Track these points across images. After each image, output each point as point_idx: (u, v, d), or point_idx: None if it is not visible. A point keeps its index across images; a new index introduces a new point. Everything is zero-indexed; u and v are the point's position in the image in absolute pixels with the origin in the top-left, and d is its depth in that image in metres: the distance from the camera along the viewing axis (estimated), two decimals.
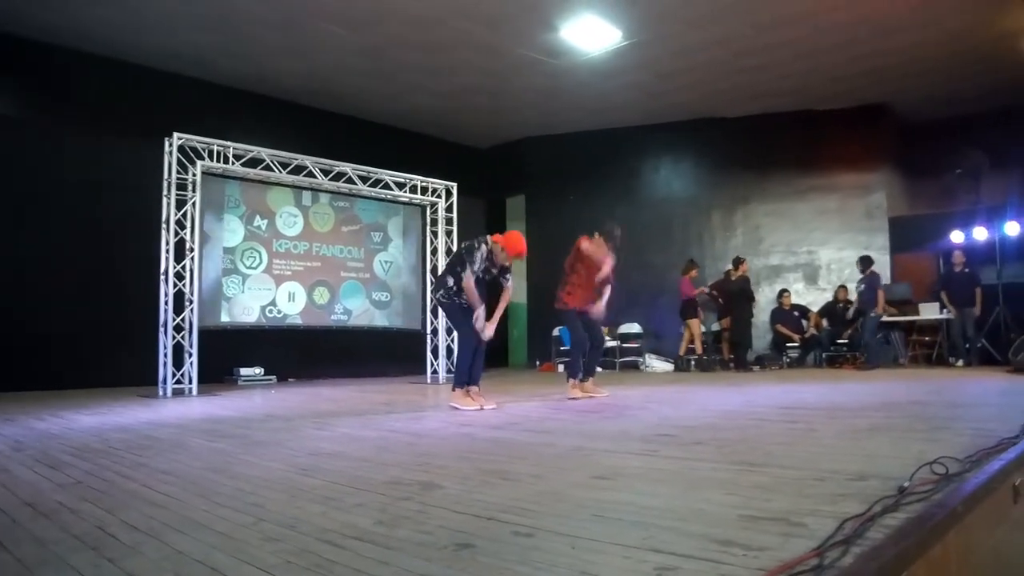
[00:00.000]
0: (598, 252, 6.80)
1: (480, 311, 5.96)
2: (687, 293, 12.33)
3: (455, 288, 5.97)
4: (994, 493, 2.48)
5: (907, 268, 12.81)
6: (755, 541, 1.77)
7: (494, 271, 6.13)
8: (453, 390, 6.00)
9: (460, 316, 6.04)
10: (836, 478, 2.55)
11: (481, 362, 6.18)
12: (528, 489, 2.55)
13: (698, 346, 12.32)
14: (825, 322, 12.57)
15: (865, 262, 11.60)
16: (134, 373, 9.05)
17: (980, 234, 11.59)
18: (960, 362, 11.19)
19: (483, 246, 5.97)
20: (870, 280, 11.42)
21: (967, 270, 11.32)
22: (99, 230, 9.51)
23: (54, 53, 9.74)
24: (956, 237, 11.84)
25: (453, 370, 6.65)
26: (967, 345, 11.24)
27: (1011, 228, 11.26)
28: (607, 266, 6.78)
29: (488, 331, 5.99)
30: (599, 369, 11.74)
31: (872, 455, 3.14)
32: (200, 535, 2.01)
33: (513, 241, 6.03)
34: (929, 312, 11.78)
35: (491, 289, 6.37)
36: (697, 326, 12.28)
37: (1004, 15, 9.58)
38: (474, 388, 6.06)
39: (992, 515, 2.46)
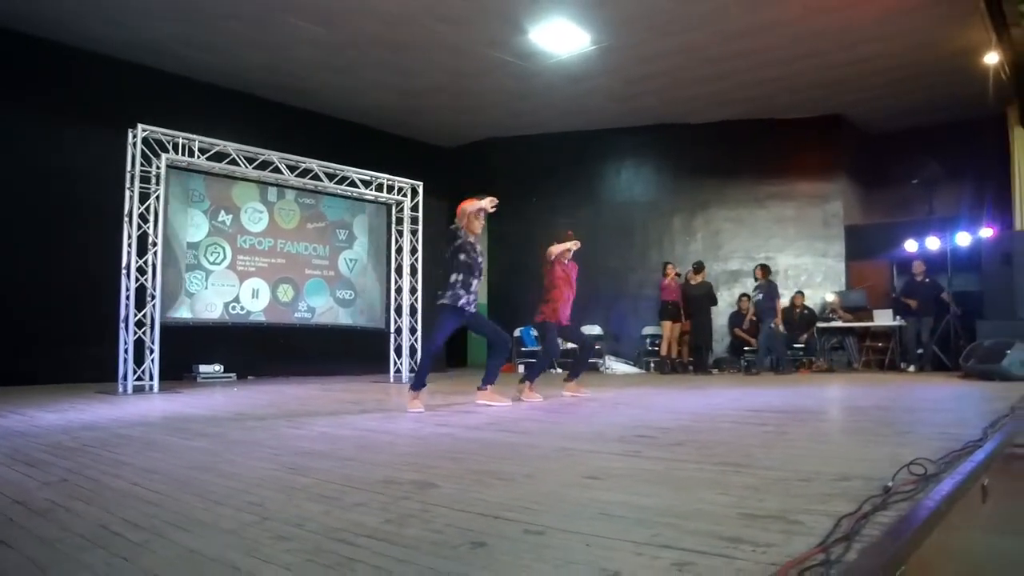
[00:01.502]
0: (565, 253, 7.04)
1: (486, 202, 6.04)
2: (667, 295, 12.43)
3: (458, 282, 5.89)
4: (968, 493, 2.59)
5: (862, 275, 13.13)
6: (760, 538, 1.83)
7: (479, 247, 6.12)
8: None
9: (444, 321, 5.94)
10: (820, 479, 2.63)
11: (498, 364, 6.30)
12: (524, 489, 2.57)
13: (663, 348, 12.42)
14: (782, 327, 12.73)
15: (764, 270, 11.90)
16: (90, 369, 8.86)
17: (933, 243, 11.87)
18: (912, 367, 11.48)
19: (461, 232, 5.97)
20: (768, 289, 11.70)
21: (927, 280, 11.63)
22: (58, 222, 9.33)
23: (15, 40, 9.51)
24: (910, 246, 12.14)
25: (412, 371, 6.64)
26: (920, 351, 11.53)
27: (962, 238, 11.55)
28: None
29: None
30: (556, 370, 11.94)
31: (847, 457, 3.26)
32: (207, 534, 1.99)
33: (467, 206, 6.01)
34: (883, 319, 12.14)
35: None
36: (669, 328, 12.37)
37: (961, 32, 9.85)
38: (490, 387, 6.24)
39: (966, 513, 2.55)
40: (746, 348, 12.80)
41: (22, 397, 7.13)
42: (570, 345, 9.91)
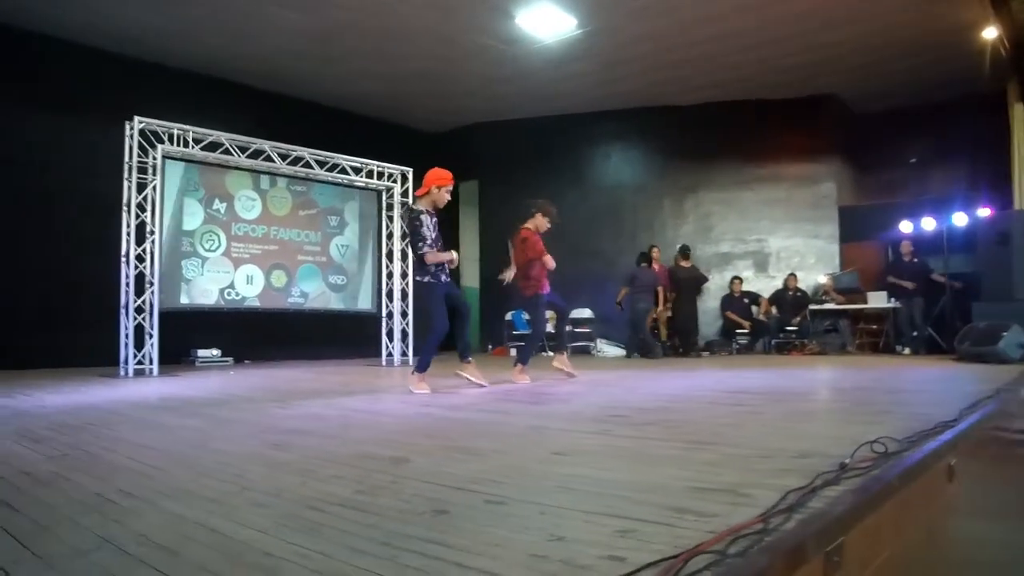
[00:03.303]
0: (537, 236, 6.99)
1: (453, 255, 6.03)
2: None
3: (435, 266, 5.94)
4: (929, 471, 2.64)
5: (856, 257, 13.00)
6: (706, 509, 1.92)
7: (436, 219, 6.09)
8: (412, 374, 5.98)
9: (438, 298, 5.94)
10: (780, 455, 2.68)
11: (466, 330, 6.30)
12: (493, 463, 2.70)
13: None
14: (775, 309, 12.83)
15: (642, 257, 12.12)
16: (92, 354, 9.03)
17: (928, 224, 11.73)
18: (907, 350, 11.41)
19: (420, 215, 5.93)
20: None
21: (915, 260, 11.57)
22: (61, 213, 9.52)
23: (12, 36, 9.63)
24: (904, 227, 11.99)
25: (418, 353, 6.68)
26: (915, 333, 11.45)
27: (958, 219, 11.39)
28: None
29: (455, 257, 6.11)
30: (548, 353, 12.04)
31: (815, 436, 3.29)
32: (192, 502, 2.15)
33: (435, 177, 6.01)
34: (877, 301, 12.01)
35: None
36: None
37: (956, 7, 9.69)
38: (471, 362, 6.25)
39: (927, 492, 2.63)
40: (738, 331, 12.91)
41: (29, 380, 7.34)
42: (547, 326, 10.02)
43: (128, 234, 8.40)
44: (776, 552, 1.58)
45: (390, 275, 11.14)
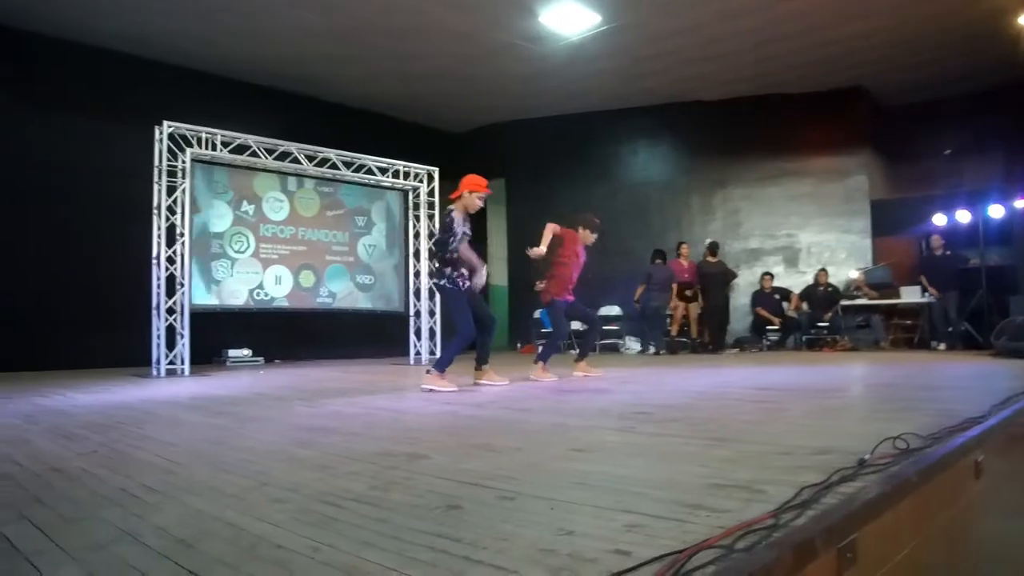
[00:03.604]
0: (579, 244, 7.09)
1: (483, 270, 6.07)
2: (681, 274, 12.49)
3: (454, 270, 5.96)
4: (953, 468, 2.60)
5: (889, 251, 12.81)
6: (719, 505, 1.91)
7: (469, 223, 6.14)
8: (428, 372, 5.96)
9: (462, 303, 5.96)
10: (799, 452, 2.66)
11: (488, 342, 6.32)
12: (510, 460, 2.72)
13: (674, 328, 12.51)
14: (805, 305, 12.68)
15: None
16: (126, 354, 9.20)
17: (963, 217, 11.49)
18: (942, 346, 11.17)
19: (453, 214, 5.97)
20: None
21: (948, 253, 11.36)
22: (93, 216, 9.70)
23: (43, 42, 9.86)
24: (938, 220, 11.79)
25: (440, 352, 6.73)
26: (950, 329, 11.20)
27: (995, 211, 11.16)
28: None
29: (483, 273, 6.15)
30: (573, 351, 12.03)
31: (837, 432, 3.25)
32: (212, 497, 2.21)
33: (469, 183, 6.06)
34: (910, 296, 11.78)
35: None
36: (682, 309, 12.45)
37: None
38: (487, 366, 6.27)
39: (952, 488, 2.60)
40: (769, 327, 12.81)
41: (64, 380, 7.51)
42: (576, 325, 10.04)
43: (159, 236, 8.54)
44: (784, 547, 1.58)
45: (417, 274, 11.21)
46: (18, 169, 9.25)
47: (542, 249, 6.74)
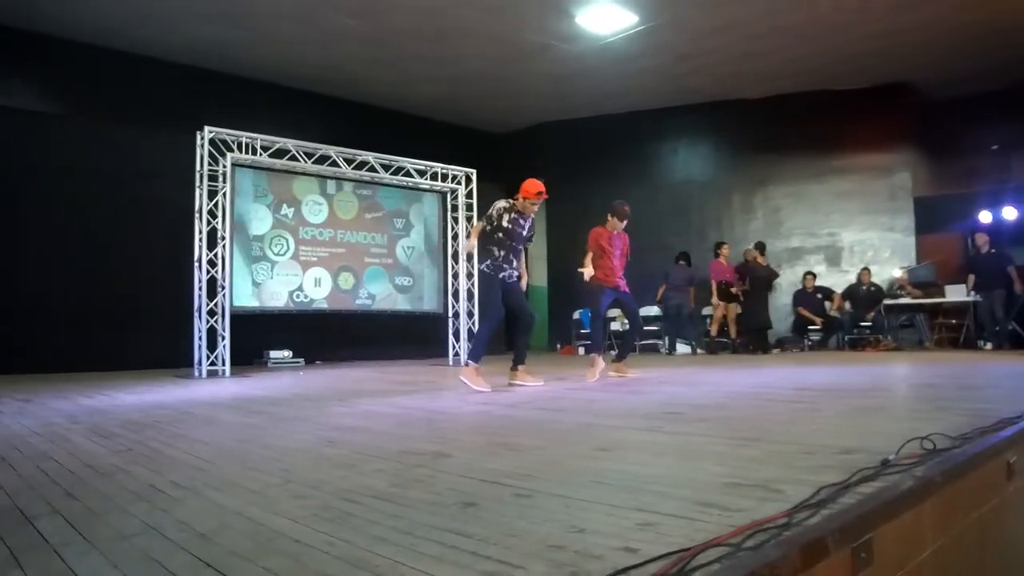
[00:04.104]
0: (604, 236, 7.15)
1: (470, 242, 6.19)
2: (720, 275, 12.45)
3: (499, 256, 6.10)
4: (982, 469, 2.56)
5: (933, 249, 12.59)
6: (733, 504, 1.92)
7: (526, 222, 6.23)
8: (465, 365, 6.11)
9: (494, 289, 6.14)
10: (824, 452, 2.64)
11: (525, 341, 6.38)
12: (532, 459, 2.75)
13: (713, 328, 12.43)
14: (848, 304, 12.52)
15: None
16: (170, 356, 9.39)
17: (1009, 213, 11.33)
18: (988, 345, 10.98)
19: (500, 203, 6.18)
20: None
21: (994, 251, 11.11)
22: (139, 220, 9.90)
23: (90, 52, 10.22)
24: (984, 217, 11.62)
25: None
26: (996, 328, 10.98)
27: None
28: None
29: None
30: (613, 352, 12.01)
31: (867, 432, 3.20)
32: (236, 493, 2.29)
33: (527, 186, 6.14)
34: (955, 294, 11.56)
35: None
36: (722, 309, 12.39)
37: None
38: (522, 367, 6.28)
39: (981, 489, 2.55)
40: (810, 327, 12.66)
41: (110, 381, 7.72)
42: (616, 326, 9.97)
43: (200, 240, 8.72)
44: (792, 546, 1.57)
45: (456, 276, 11.28)
46: (65, 176, 9.49)
47: (587, 270, 6.96)
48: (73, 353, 9.29)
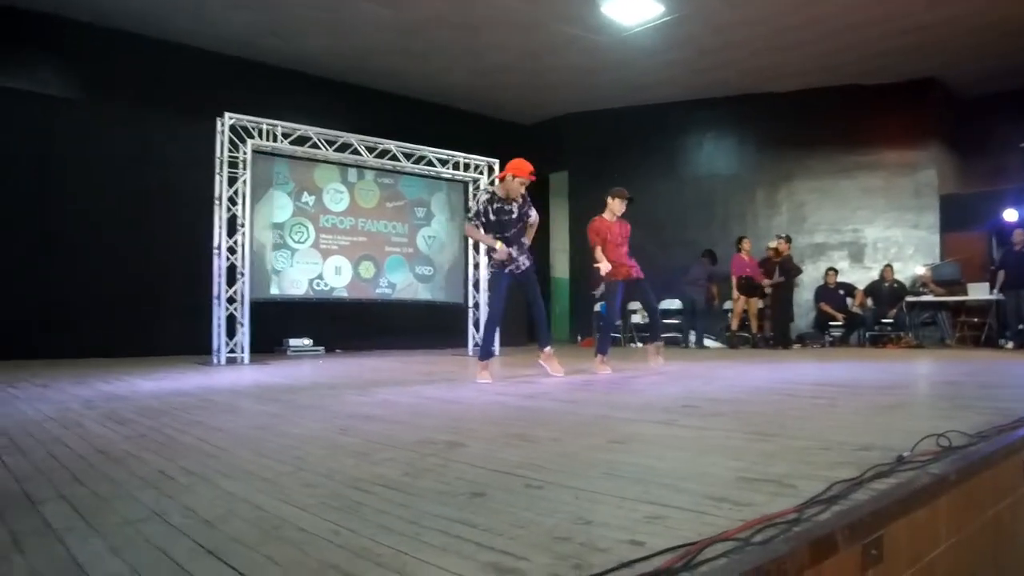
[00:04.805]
0: (604, 226, 7.12)
1: (496, 244, 5.95)
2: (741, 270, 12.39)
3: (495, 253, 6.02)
4: (999, 467, 2.54)
5: (958, 247, 12.50)
6: (745, 498, 1.90)
7: (512, 206, 6.05)
8: (480, 359, 6.09)
9: (493, 284, 6.19)
10: (840, 448, 2.62)
11: (539, 325, 6.33)
12: (545, 450, 2.74)
13: (734, 322, 12.38)
14: (870, 301, 12.45)
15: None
16: (191, 342, 9.43)
17: None
18: (1010, 344, 10.87)
19: (482, 193, 6.14)
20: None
21: None
22: (154, 205, 9.93)
23: (113, 38, 10.24)
24: (1010, 215, 11.52)
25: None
26: (1020, 327, 10.86)
27: None
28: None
29: (501, 252, 5.98)
30: (638, 344, 11.99)
31: (884, 429, 3.18)
32: (247, 480, 2.29)
33: (512, 166, 6.06)
34: (978, 292, 11.53)
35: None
36: (743, 303, 12.32)
37: None
38: (548, 349, 6.28)
39: (997, 488, 2.53)
40: (832, 323, 12.57)
41: (130, 366, 7.76)
42: (637, 319, 9.91)
43: (220, 227, 8.76)
44: (801, 542, 1.56)
45: (476, 266, 11.26)
46: (85, 162, 9.55)
47: (604, 264, 6.97)
48: (95, 339, 9.35)
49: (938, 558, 2.10)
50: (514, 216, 6.05)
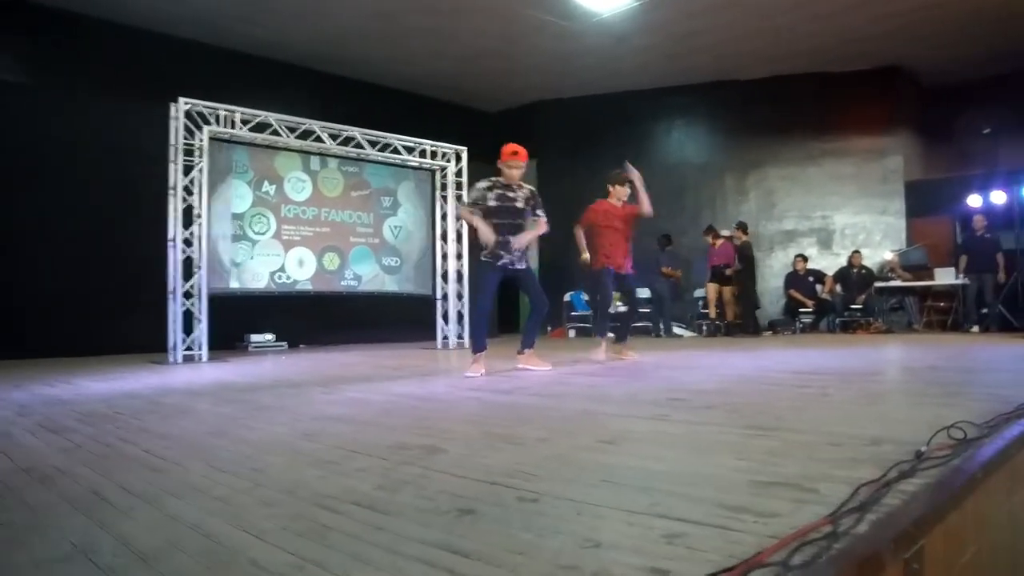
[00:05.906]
0: (598, 212, 7.01)
1: (488, 238, 5.76)
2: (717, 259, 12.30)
3: (497, 242, 5.81)
4: (1013, 458, 2.42)
5: (924, 233, 12.69)
6: (765, 507, 1.71)
7: (516, 195, 5.97)
8: (474, 352, 5.84)
9: (482, 277, 6.01)
10: (850, 443, 2.47)
11: (535, 325, 6.18)
12: (533, 453, 2.51)
13: (711, 311, 12.30)
14: (839, 287, 12.51)
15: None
16: (145, 339, 9.01)
17: (998, 198, 11.42)
18: (976, 328, 11.06)
19: (480, 183, 6.03)
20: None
21: (988, 235, 11.18)
22: (107, 195, 9.45)
23: (59, 18, 9.79)
24: (974, 201, 11.67)
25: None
26: (984, 311, 11.08)
27: None
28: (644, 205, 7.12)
29: (517, 243, 5.88)
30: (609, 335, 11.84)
31: (886, 419, 3.08)
32: (196, 500, 1.99)
33: (504, 152, 6.00)
34: (944, 277, 11.71)
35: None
36: (716, 291, 12.23)
37: None
38: (530, 351, 6.10)
39: (1012, 480, 2.41)
40: (802, 310, 12.57)
41: (78, 367, 7.35)
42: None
43: (175, 218, 8.35)
44: (848, 563, 1.38)
45: (445, 256, 10.98)
46: (28, 150, 9.03)
47: (585, 256, 6.96)
48: (45, 339, 8.88)
49: (967, 565, 1.94)
50: (517, 205, 5.95)
